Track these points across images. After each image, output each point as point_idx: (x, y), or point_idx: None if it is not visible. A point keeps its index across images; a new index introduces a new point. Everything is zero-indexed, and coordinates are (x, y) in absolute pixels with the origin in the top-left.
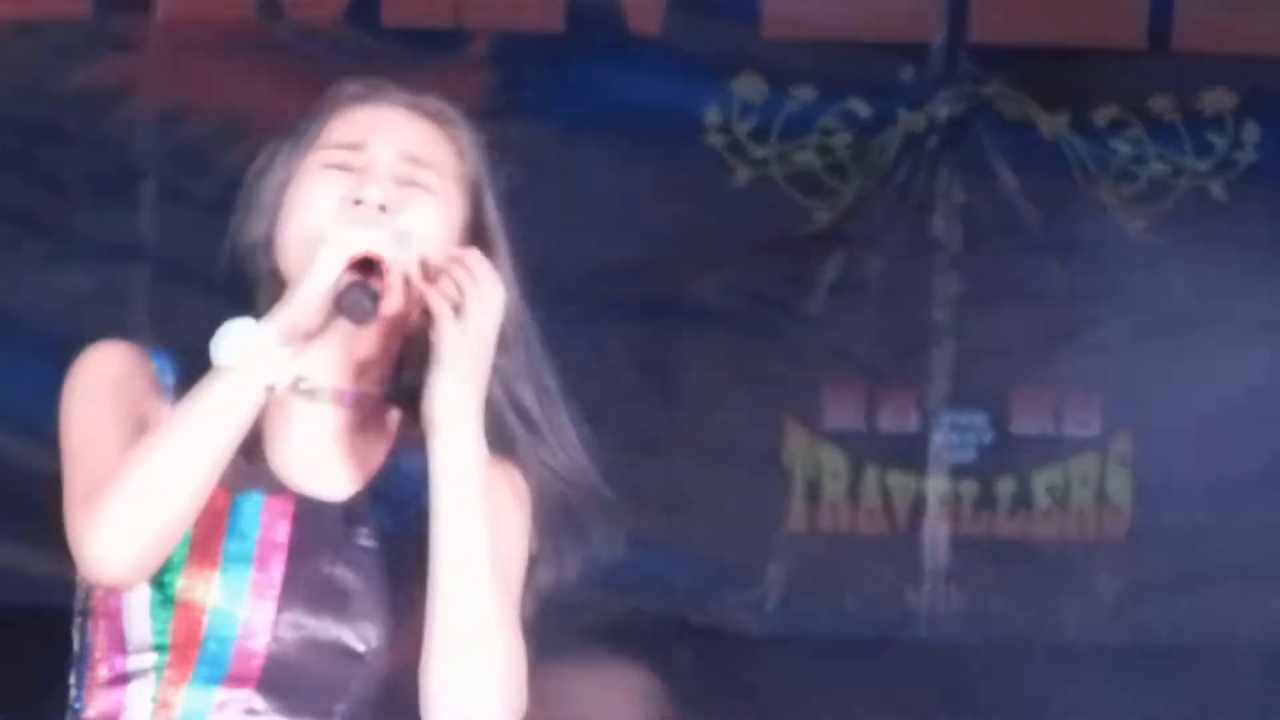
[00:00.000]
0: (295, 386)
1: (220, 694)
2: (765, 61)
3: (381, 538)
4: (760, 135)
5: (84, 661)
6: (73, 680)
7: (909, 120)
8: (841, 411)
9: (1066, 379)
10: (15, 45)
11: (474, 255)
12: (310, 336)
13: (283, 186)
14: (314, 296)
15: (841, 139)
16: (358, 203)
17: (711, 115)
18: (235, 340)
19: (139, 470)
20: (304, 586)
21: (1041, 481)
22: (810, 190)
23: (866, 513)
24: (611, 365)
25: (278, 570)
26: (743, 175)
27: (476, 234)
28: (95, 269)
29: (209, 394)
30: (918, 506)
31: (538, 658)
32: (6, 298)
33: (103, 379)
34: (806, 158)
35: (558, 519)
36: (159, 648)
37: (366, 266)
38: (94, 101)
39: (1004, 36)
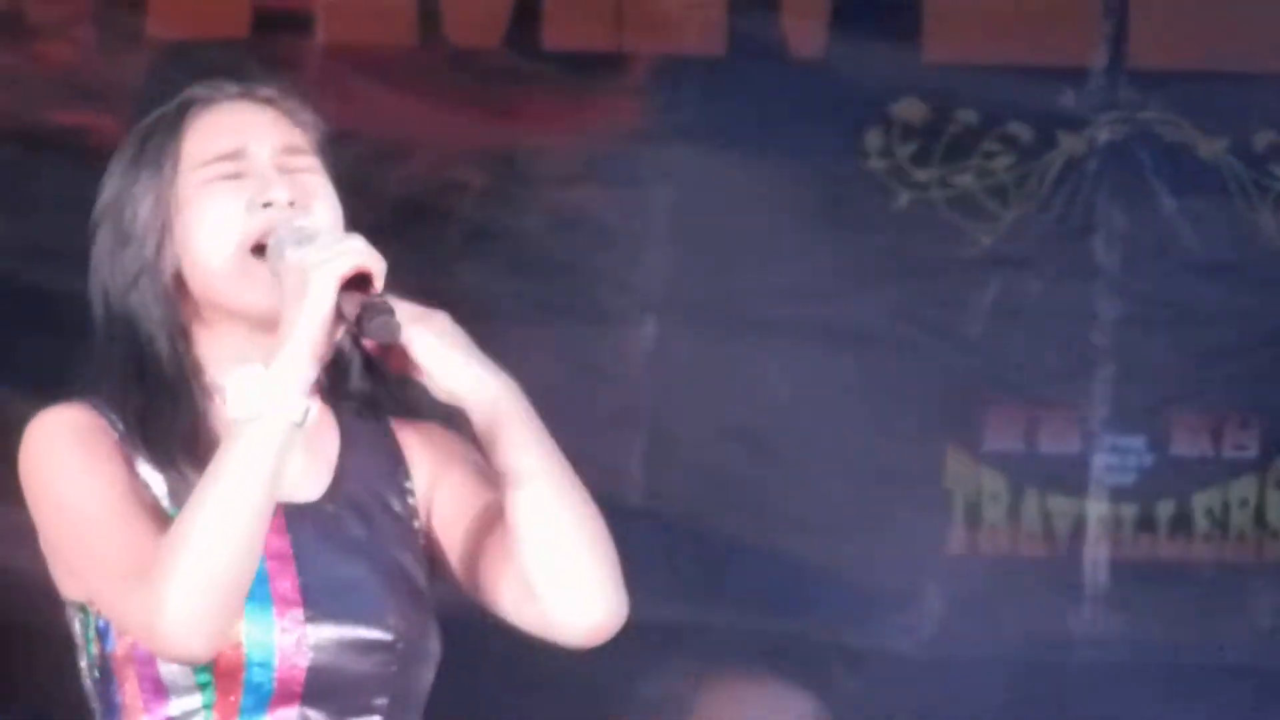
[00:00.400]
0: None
1: (270, 717)
2: (926, 85)
3: (367, 525)
4: (921, 158)
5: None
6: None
7: (1070, 144)
8: (1002, 434)
9: (1225, 402)
10: (172, 67)
11: None
12: (320, 364)
13: (156, 210)
14: (315, 326)
15: (1002, 162)
16: (266, 205)
17: (872, 139)
18: (248, 390)
19: (192, 540)
20: (322, 591)
21: (1201, 504)
22: (971, 213)
23: (1027, 535)
24: (769, 388)
25: (292, 583)
26: (903, 198)
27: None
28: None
29: (240, 450)
30: (1078, 529)
31: (700, 677)
32: None
33: (81, 443)
34: (967, 181)
35: None
36: (202, 686)
37: (358, 281)
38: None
39: (1164, 61)
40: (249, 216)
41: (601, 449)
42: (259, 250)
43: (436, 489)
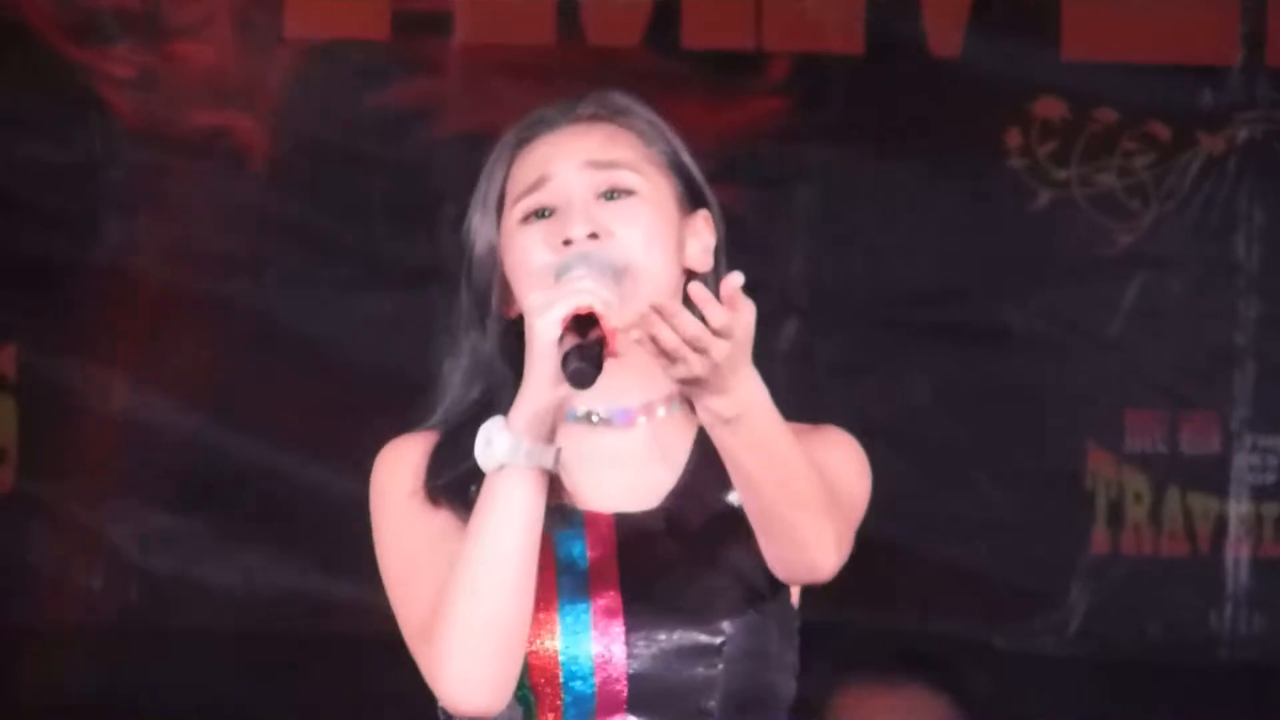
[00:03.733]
0: (588, 419)
1: None
2: (1065, 83)
3: (704, 529)
4: (1061, 157)
5: None
6: None
7: (1209, 142)
8: (1143, 434)
9: None
10: (315, 68)
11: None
12: (559, 407)
13: (491, 254)
14: (544, 376)
15: (1142, 161)
16: (567, 243)
17: (1012, 137)
18: (492, 442)
19: (458, 600)
20: (645, 602)
21: None
22: (1111, 212)
23: (1168, 535)
24: (912, 388)
25: (614, 593)
26: (1044, 197)
27: (692, 198)
28: (396, 294)
29: (488, 504)
30: (1220, 529)
31: (842, 676)
32: (309, 324)
33: (403, 489)
34: (1107, 180)
35: None
36: (525, 705)
37: (584, 322)
38: (393, 124)
39: None
40: (554, 256)
41: None
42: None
43: None
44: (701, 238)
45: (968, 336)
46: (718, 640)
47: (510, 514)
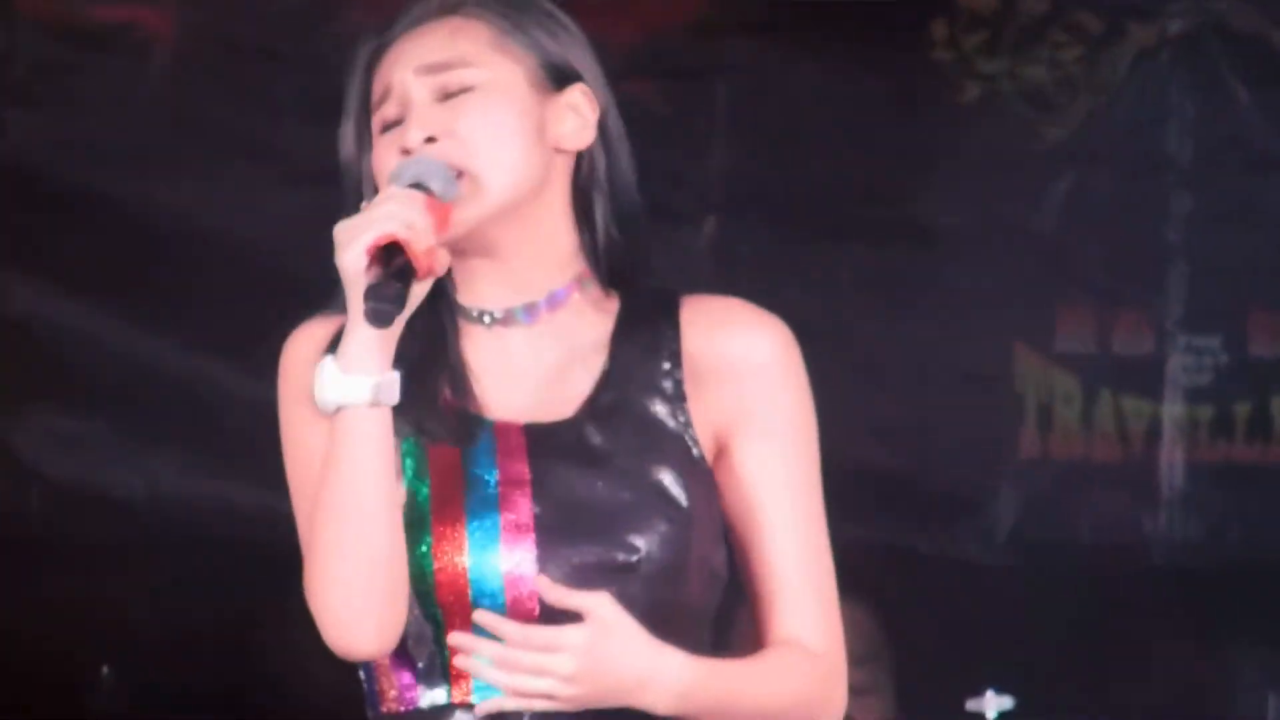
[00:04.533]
0: (482, 320)
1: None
2: None
3: (620, 441)
4: (989, 49)
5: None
6: (361, 674)
7: (1140, 35)
8: (1074, 334)
9: None
10: None
11: None
12: (388, 337)
13: (354, 162)
14: (359, 311)
15: (1072, 53)
16: (407, 151)
17: (938, 28)
18: (324, 383)
19: (327, 556)
20: (556, 517)
21: (1279, 406)
22: (1040, 106)
23: (1100, 438)
24: (836, 287)
25: (525, 509)
26: (971, 91)
27: (558, 75)
28: (307, 190)
29: (338, 449)
30: (1153, 432)
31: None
32: (217, 221)
33: (307, 384)
34: (1036, 73)
35: None
36: (434, 623)
37: (389, 251)
38: (303, 18)
39: None
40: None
41: None
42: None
43: (725, 445)
44: (578, 113)
45: (892, 234)
46: (633, 558)
47: (358, 458)
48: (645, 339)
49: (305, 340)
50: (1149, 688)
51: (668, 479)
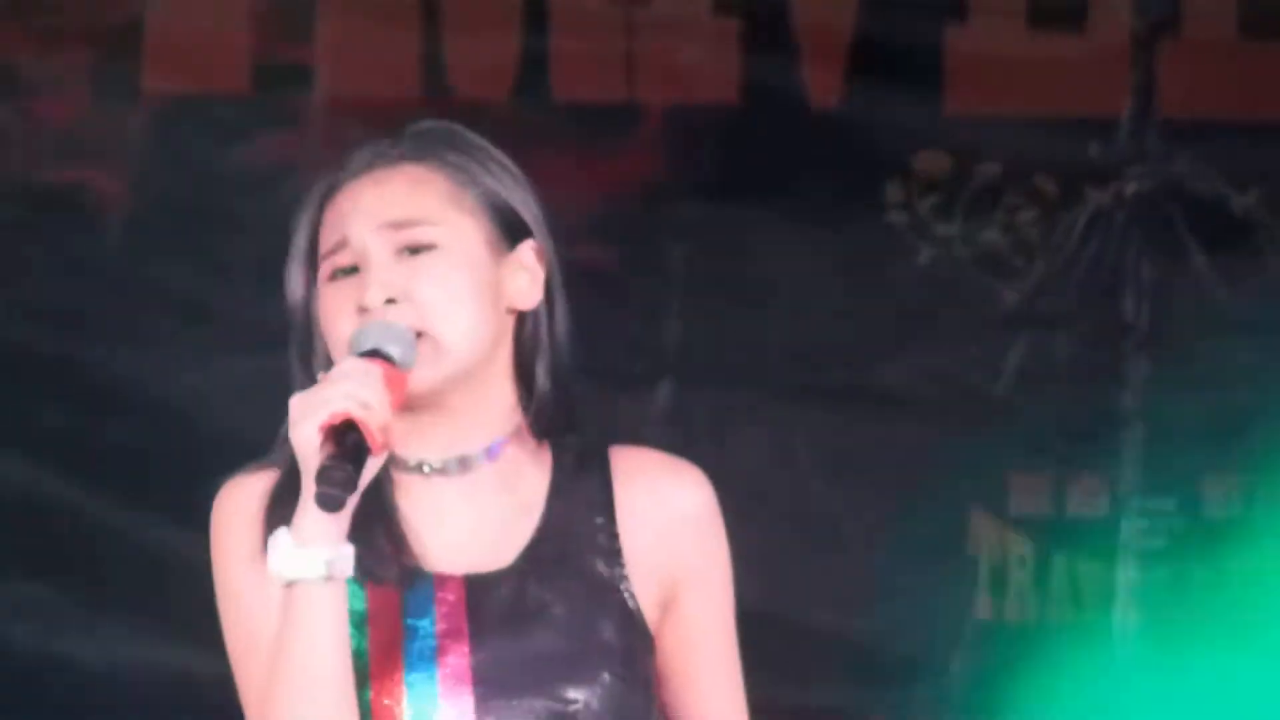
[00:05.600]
0: (420, 470)
1: None
2: (948, 136)
3: (559, 592)
4: (943, 212)
5: None
6: None
7: (1097, 197)
8: (1028, 498)
9: (1260, 464)
10: (174, 122)
11: None
12: (345, 515)
13: (304, 306)
14: (312, 481)
15: (1027, 216)
16: (363, 310)
17: (893, 192)
18: (278, 554)
19: (272, 715)
20: (494, 669)
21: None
22: (996, 270)
23: (1055, 601)
24: (790, 453)
25: (463, 660)
26: (925, 254)
27: (511, 234)
28: (258, 355)
29: (292, 621)
30: (1107, 595)
31: None
32: (167, 386)
33: (241, 546)
34: (992, 236)
35: None
36: None
37: (342, 430)
38: (255, 181)
39: (1194, 111)
40: (354, 322)
41: None
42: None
43: (670, 599)
44: (530, 271)
45: (846, 398)
46: (571, 709)
47: (313, 632)
48: (579, 492)
49: (238, 494)
50: None
51: (607, 631)
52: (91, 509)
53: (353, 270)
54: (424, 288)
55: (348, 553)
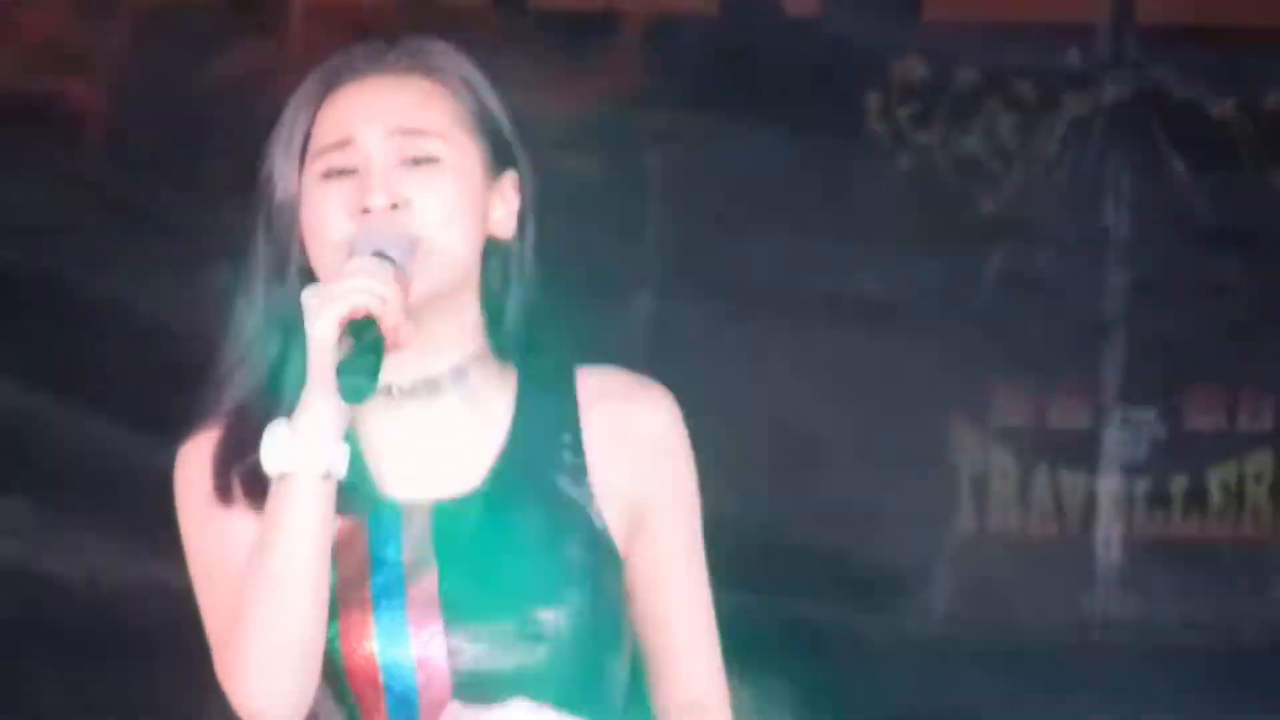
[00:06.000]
0: (389, 393)
1: None
2: (926, 43)
3: (525, 514)
4: (922, 120)
5: None
6: None
7: (1075, 104)
8: (1010, 408)
9: (1240, 374)
10: (154, 34)
11: None
12: (347, 414)
13: (287, 206)
14: (326, 382)
15: (1006, 123)
16: (366, 211)
17: (872, 100)
18: (275, 447)
19: (249, 615)
20: (462, 595)
21: (1216, 479)
22: (974, 177)
23: (1037, 514)
24: (772, 362)
25: (431, 587)
26: (905, 161)
27: (499, 160)
28: (235, 268)
29: (279, 516)
30: (1089, 506)
31: None
32: (149, 300)
33: (198, 492)
34: (970, 143)
35: None
36: (347, 708)
37: (361, 325)
38: (231, 93)
39: (1172, 17)
40: (350, 224)
41: None
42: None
43: (638, 520)
44: (507, 202)
45: (825, 308)
46: (541, 631)
47: (298, 526)
48: (544, 413)
49: (198, 449)
50: None
51: (574, 551)
52: (70, 424)
53: (348, 173)
54: (426, 198)
55: (346, 451)
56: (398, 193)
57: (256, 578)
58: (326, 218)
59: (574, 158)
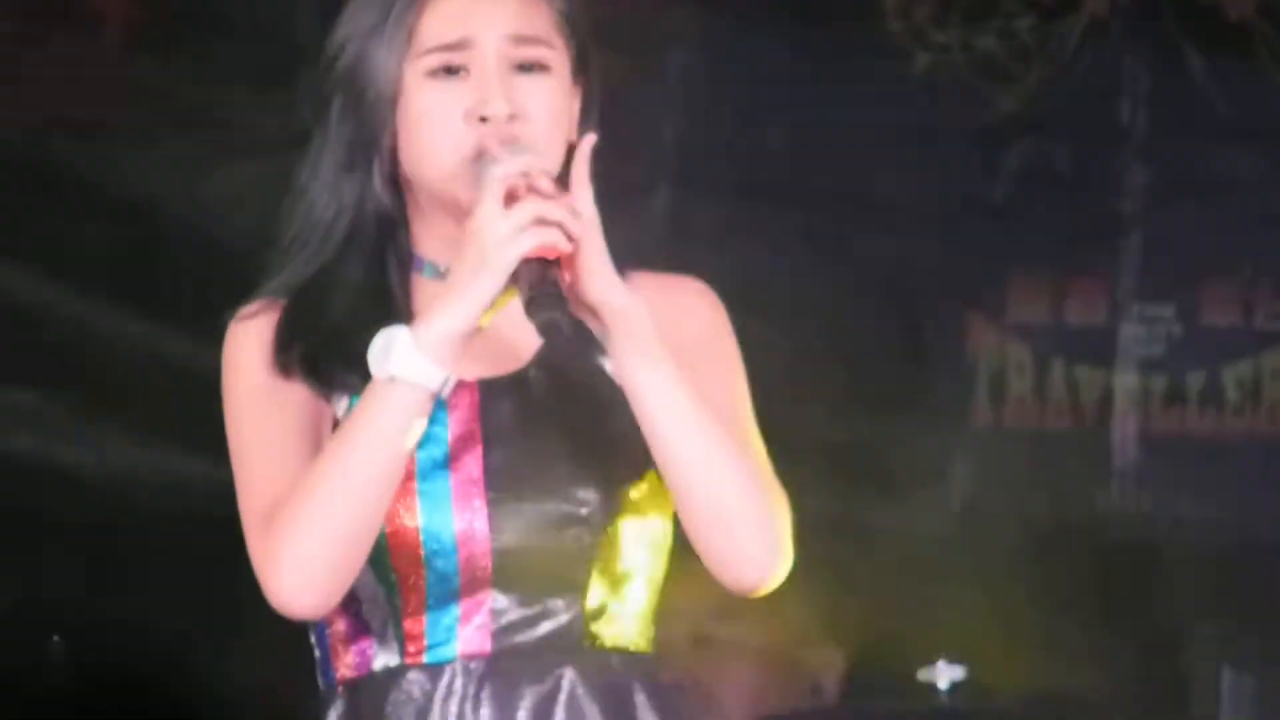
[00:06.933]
0: (437, 274)
1: (460, 607)
2: None
3: (571, 395)
4: (940, 19)
5: (319, 623)
6: (314, 640)
7: (1093, 4)
8: (1026, 304)
9: (1256, 271)
10: None
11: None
12: (472, 335)
13: (385, 98)
14: (477, 305)
15: (1024, 23)
16: (483, 119)
17: None
18: (390, 351)
19: (313, 505)
20: (506, 472)
21: (1232, 376)
22: (992, 76)
23: (1053, 408)
24: (790, 258)
25: (475, 464)
26: (922, 61)
27: (580, 67)
28: (257, 161)
29: (370, 416)
30: (1106, 402)
31: None
32: (168, 193)
33: (253, 364)
34: (988, 43)
35: None
36: (386, 585)
37: (545, 261)
38: None
39: None
40: (465, 129)
41: None
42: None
43: None
44: (578, 107)
45: (844, 205)
46: (583, 510)
47: (392, 433)
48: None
49: (250, 325)
50: (1101, 660)
51: (619, 430)
52: (89, 317)
53: (458, 71)
54: (538, 108)
55: (453, 378)
56: (515, 102)
57: (331, 470)
58: (440, 119)
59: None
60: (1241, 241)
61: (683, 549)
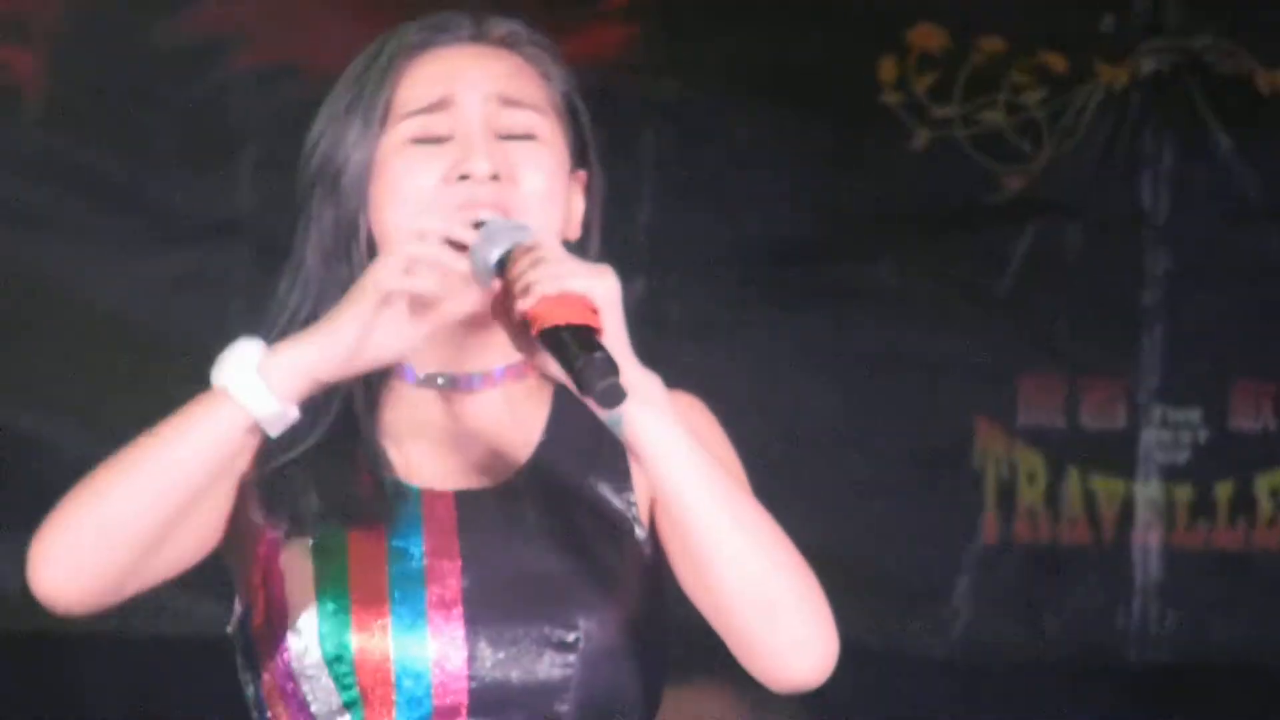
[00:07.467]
0: (432, 383)
1: None
2: (946, 8)
3: (559, 513)
4: (941, 92)
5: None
6: None
7: (1109, 75)
8: (1039, 406)
9: None
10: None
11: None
12: (319, 386)
13: (360, 174)
14: (340, 341)
15: (1034, 96)
16: (463, 178)
17: (886, 70)
18: (235, 363)
19: (94, 497)
20: (489, 591)
21: (1264, 485)
22: (999, 154)
23: (1068, 521)
24: (774, 356)
25: (453, 583)
26: (922, 138)
27: (579, 156)
28: (188, 250)
29: (185, 418)
30: (1126, 514)
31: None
32: (90, 284)
33: None
34: (994, 117)
35: None
36: (350, 705)
37: (586, 330)
38: (186, 60)
39: None
40: (444, 191)
41: None
42: (457, 245)
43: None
44: (577, 202)
45: (837, 296)
46: (570, 636)
47: (193, 439)
48: (588, 417)
49: None
50: None
51: (610, 557)
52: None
53: (440, 140)
54: (527, 173)
55: (291, 416)
56: (499, 164)
57: (120, 464)
58: (418, 182)
59: None
60: (1274, 335)
61: (681, 680)
